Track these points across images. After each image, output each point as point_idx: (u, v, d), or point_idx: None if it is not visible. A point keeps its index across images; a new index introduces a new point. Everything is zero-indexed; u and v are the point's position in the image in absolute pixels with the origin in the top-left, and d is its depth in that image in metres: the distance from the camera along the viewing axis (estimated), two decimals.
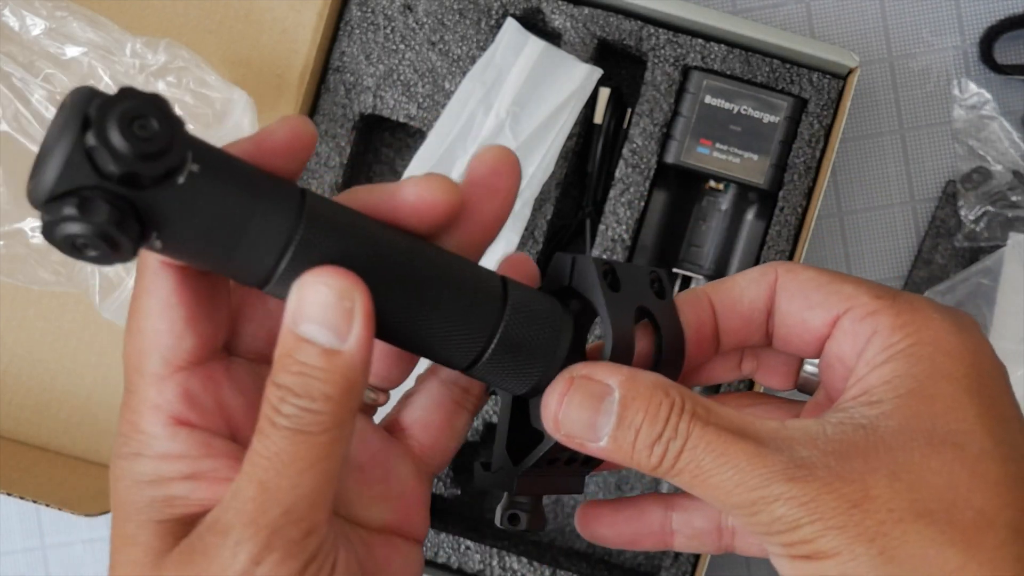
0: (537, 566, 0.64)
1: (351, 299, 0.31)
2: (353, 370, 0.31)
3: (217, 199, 0.31)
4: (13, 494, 0.58)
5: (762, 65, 0.64)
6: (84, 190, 0.29)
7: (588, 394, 0.34)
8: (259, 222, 0.31)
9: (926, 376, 0.33)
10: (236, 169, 0.31)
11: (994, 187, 0.68)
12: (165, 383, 0.34)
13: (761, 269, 0.38)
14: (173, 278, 0.34)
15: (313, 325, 0.31)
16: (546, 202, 0.65)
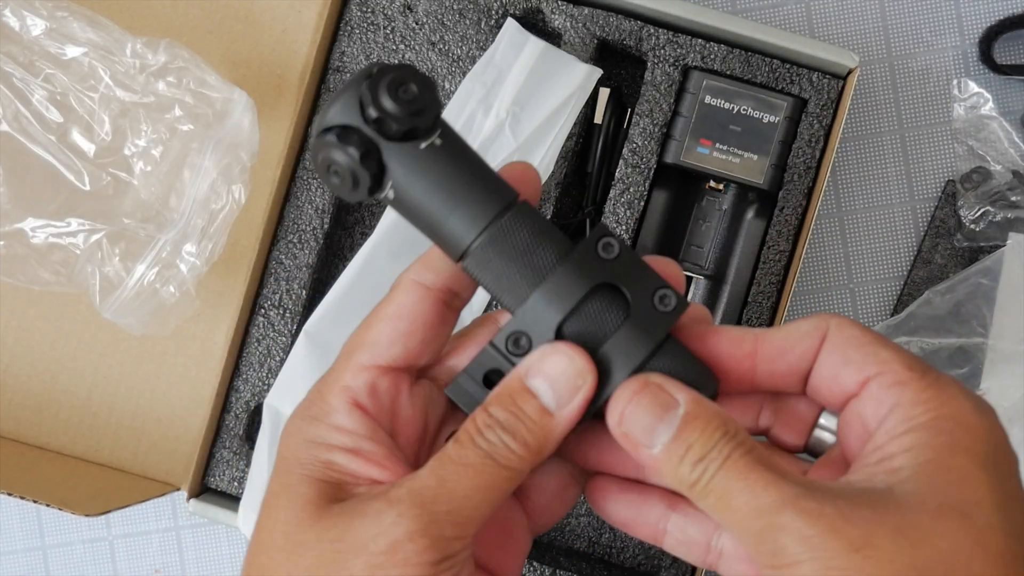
0: (537, 566, 0.64)
1: (584, 380, 0.38)
2: (554, 434, 0.37)
3: (448, 170, 0.38)
4: (13, 494, 0.58)
5: (762, 65, 0.64)
6: (348, 128, 0.37)
7: (657, 402, 0.38)
8: (473, 201, 0.38)
9: (944, 448, 0.35)
10: (471, 155, 0.39)
11: (994, 187, 0.68)
12: (361, 373, 0.39)
13: (815, 323, 0.40)
14: (414, 296, 0.40)
15: (545, 383, 0.38)
16: (546, 202, 0.65)
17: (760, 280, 0.64)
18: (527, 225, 0.39)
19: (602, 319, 0.39)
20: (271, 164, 0.65)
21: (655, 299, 0.39)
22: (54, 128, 0.61)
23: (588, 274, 0.39)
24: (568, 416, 0.38)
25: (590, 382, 0.38)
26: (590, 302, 0.39)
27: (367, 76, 0.38)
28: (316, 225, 0.67)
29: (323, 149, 0.38)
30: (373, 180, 0.38)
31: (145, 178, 0.61)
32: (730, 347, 0.40)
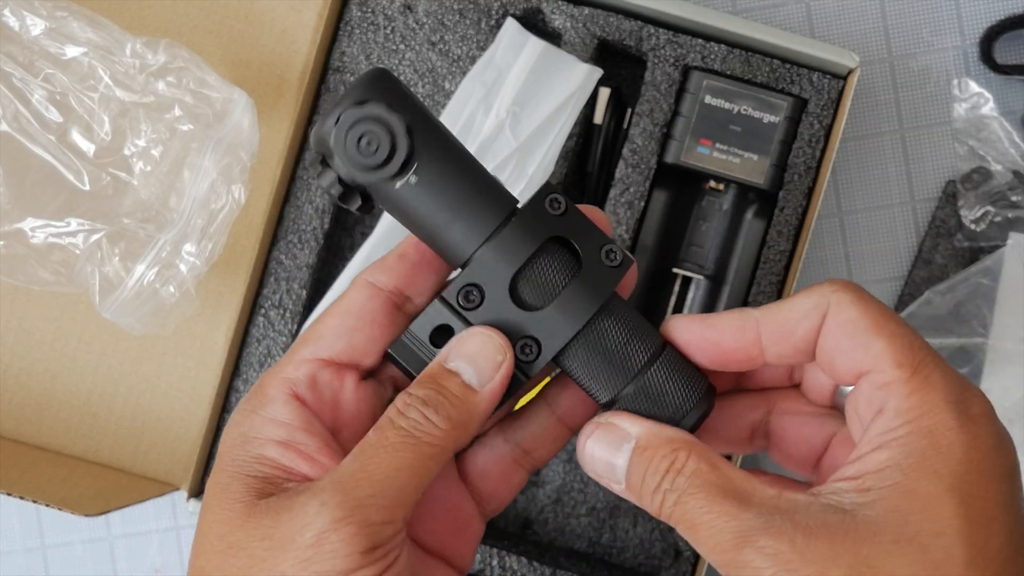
0: (537, 566, 0.64)
1: (503, 355, 0.38)
2: (478, 409, 0.38)
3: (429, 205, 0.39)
4: (13, 494, 0.58)
5: (762, 65, 0.64)
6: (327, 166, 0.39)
7: (608, 440, 0.39)
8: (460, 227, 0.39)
9: (913, 469, 0.35)
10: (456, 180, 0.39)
11: (994, 187, 0.68)
12: (302, 365, 0.39)
13: (815, 299, 0.39)
14: (365, 295, 0.40)
15: (465, 363, 0.38)
16: None
17: (760, 280, 0.64)
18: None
19: (555, 272, 0.40)
20: (271, 164, 0.65)
21: (603, 254, 0.40)
22: (54, 128, 0.61)
23: (540, 228, 0.40)
24: (492, 391, 0.38)
25: (509, 357, 0.38)
26: (542, 255, 0.40)
27: (336, 119, 0.38)
28: (316, 225, 0.67)
29: (363, 115, 0.38)
30: (361, 208, 0.39)
31: (145, 178, 0.61)
32: (734, 338, 0.40)
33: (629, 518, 0.68)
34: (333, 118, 0.38)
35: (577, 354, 0.40)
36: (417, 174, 0.39)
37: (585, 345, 0.40)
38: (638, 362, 0.40)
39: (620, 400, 0.40)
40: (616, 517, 0.68)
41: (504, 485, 0.43)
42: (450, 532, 0.42)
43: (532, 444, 0.43)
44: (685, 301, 0.66)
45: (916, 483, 0.35)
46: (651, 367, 0.40)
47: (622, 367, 0.40)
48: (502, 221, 0.39)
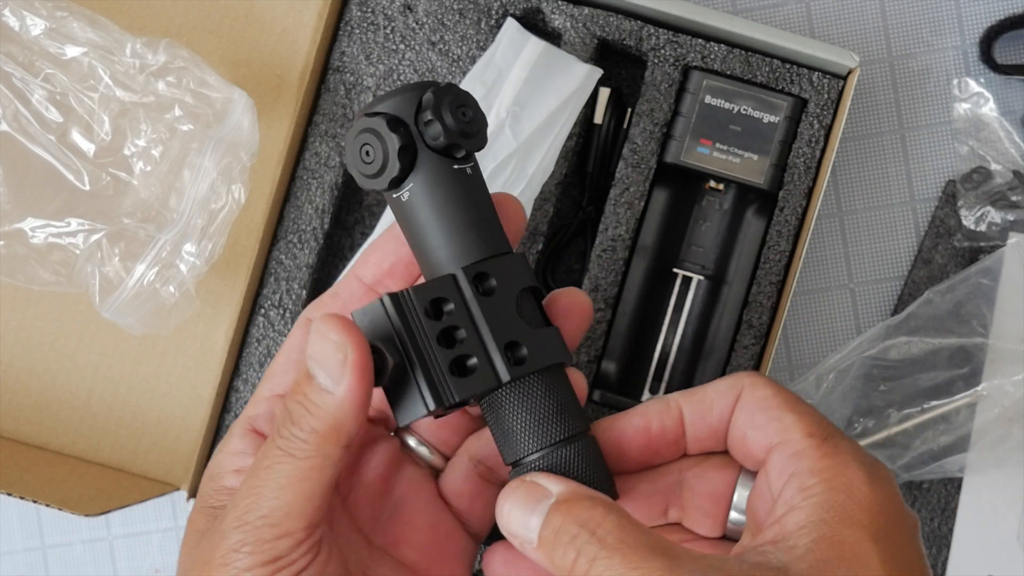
0: None
1: (344, 351, 0.37)
2: (341, 411, 0.37)
3: (468, 198, 0.40)
4: (13, 494, 0.58)
5: (762, 65, 0.64)
6: (398, 119, 0.40)
7: (529, 496, 0.39)
8: (474, 234, 0.40)
9: (836, 522, 0.36)
10: (487, 198, 0.42)
11: (994, 187, 0.68)
12: (261, 402, 0.43)
13: (730, 381, 0.41)
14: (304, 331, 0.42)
15: (316, 365, 0.38)
16: (546, 202, 0.65)
17: (760, 280, 0.64)
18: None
19: (538, 311, 0.42)
20: (271, 164, 0.65)
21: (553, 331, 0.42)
22: (54, 128, 0.61)
23: (529, 272, 0.42)
24: (346, 389, 0.37)
25: (351, 352, 0.37)
26: (533, 294, 0.42)
27: (432, 85, 0.40)
28: (316, 225, 0.67)
29: (367, 126, 0.40)
30: (400, 172, 0.40)
31: (145, 178, 0.61)
32: (660, 420, 0.42)
33: None
34: (424, 86, 0.40)
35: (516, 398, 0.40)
36: (411, 192, 0.40)
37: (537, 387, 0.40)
38: (563, 432, 0.40)
39: (532, 462, 0.40)
40: None
41: (479, 501, 0.44)
42: (433, 548, 0.43)
43: (494, 462, 0.44)
44: (685, 301, 0.66)
45: (841, 533, 0.36)
46: (569, 445, 0.40)
47: (548, 429, 0.40)
48: (493, 255, 0.40)
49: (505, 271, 0.40)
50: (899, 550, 0.37)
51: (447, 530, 0.44)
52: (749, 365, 0.64)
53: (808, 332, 0.70)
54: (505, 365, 0.39)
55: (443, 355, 0.39)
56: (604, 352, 0.65)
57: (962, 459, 0.66)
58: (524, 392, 0.40)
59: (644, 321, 0.66)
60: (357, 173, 0.40)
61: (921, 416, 0.66)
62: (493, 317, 0.40)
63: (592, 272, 0.65)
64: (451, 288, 0.40)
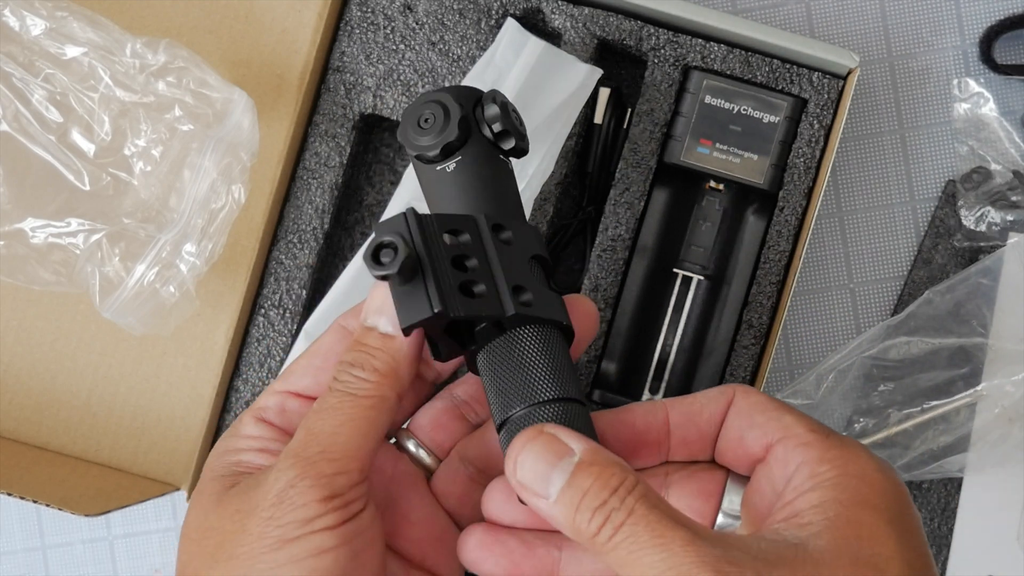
0: None
1: None
2: (401, 353, 0.40)
3: (509, 184, 0.45)
4: (13, 494, 0.58)
5: (762, 65, 0.64)
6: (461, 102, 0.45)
7: (549, 449, 0.38)
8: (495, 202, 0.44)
9: (852, 503, 0.36)
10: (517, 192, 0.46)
11: (994, 187, 0.68)
12: (273, 396, 0.43)
13: (721, 389, 0.42)
14: (334, 337, 0.44)
15: (378, 316, 0.41)
16: (546, 202, 0.65)
17: (760, 280, 0.64)
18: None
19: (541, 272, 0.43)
20: (271, 164, 0.65)
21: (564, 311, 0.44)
22: (54, 128, 0.61)
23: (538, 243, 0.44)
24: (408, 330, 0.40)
25: None
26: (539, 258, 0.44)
27: (490, 90, 0.45)
28: (316, 225, 0.67)
29: (434, 98, 0.44)
30: (456, 140, 0.44)
31: (145, 178, 0.61)
32: (644, 418, 0.42)
33: None
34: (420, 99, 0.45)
35: (514, 348, 0.40)
36: (457, 164, 0.44)
37: (532, 341, 0.41)
38: (560, 392, 0.40)
39: (526, 419, 0.39)
40: None
41: (467, 502, 0.44)
42: (429, 541, 0.44)
43: (484, 463, 0.44)
44: (685, 301, 0.66)
45: (858, 515, 0.36)
46: (568, 403, 0.40)
47: (547, 385, 0.40)
48: (512, 220, 0.43)
49: (522, 235, 0.43)
50: (912, 538, 0.37)
51: (441, 525, 0.44)
52: (749, 365, 0.64)
53: (808, 332, 0.70)
54: (511, 300, 0.40)
55: (454, 274, 0.40)
56: (604, 352, 0.65)
57: (962, 459, 0.66)
58: (525, 341, 0.41)
59: (644, 321, 0.66)
60: (411, 139, 0.44)
61: (921, 416, 0.66)
62: (506, 261, 0.41)
63: (592, 272, 0.65)
64: (471, 225, 0.42)
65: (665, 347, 0.66)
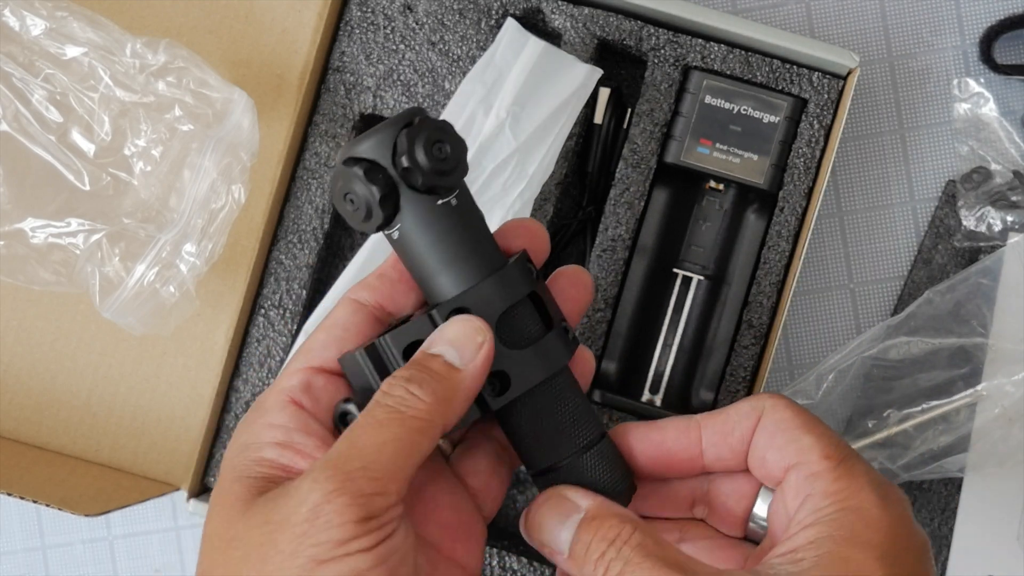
0: (537, 566, 0.64)
1: (483, 337, 0.40)
2: (461, 386, 0.39)
3: (455, 230, 0.41)
4: (13, 494, 0.58)
5: (762, 65, 0.64)
6: (376, 166, 0.40)
7: (559, 509, 0.41)
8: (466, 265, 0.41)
9: (844, 540, 0.38)
10: (477, 220, 0.42)
11: (994, 187, 0.68)
12: (296, 375, 0.41)
13: (752, 403, 0.43)
14: (349, 309, 0.42)
15: (446, 346, 0.40)
16: (546, 202, 0.65)
17: (760, 280, 0.64)
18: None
19: (529, 323, 0.42)
20: (271, 164, 0.65)
21: (563, 327, 0.43)
22: (54, 128, 0.61)
23: (528, 280, 0.42)
24: (475, 368, 0.40)
25: (489, 337, 0.40)
26: (523, 305, 0.42)
27: (407, 123, 0.40)
28: (316, 225, 0.67)
29: (346, 178, 0.40)
30: (385, 219, 0.40)
31: (145, 178, 0.61)
32: (677, 438, 0.44)
33: None
34: (400, 123, 0.40)
35: (532, 408, 0.42)
36: (400, 231, 0.41)
37: (543, 399, 0.42)
38: (581, 440, 0.42)
39: (555, 472, 0.42)
40: None
41: (495, 479, 0.45)
42: (457, 529, 0.43)
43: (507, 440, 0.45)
44: (685, 301, 0.66)
45: (848, 552, 0.38)
46: (590, 449, 0.42)
47: (569, 437, 0.42)
48: (496, 268, 0.41)
49: (489, 296, 0.41)
50: (905, 570, 0.38)
51: (468, 510, 0.44)
52: (749, 365, 0.64)
53: (808, 332, 0.70)
54: (488, 397, 0.41)
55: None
56: (604, 352, 0.65)
57: (962, 459, 0.66)
58: (534, 405, 0.42)
59: (644, 321, 0.66)
60: (345, 217, 0.41)
61: (921, 416, 0.66)
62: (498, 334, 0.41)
63: (592, 272, 0.65)
64: (428, 329, 0.41)
65: (665, 347, 0.66)
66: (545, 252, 0.45)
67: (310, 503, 0.36)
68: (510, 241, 0.44)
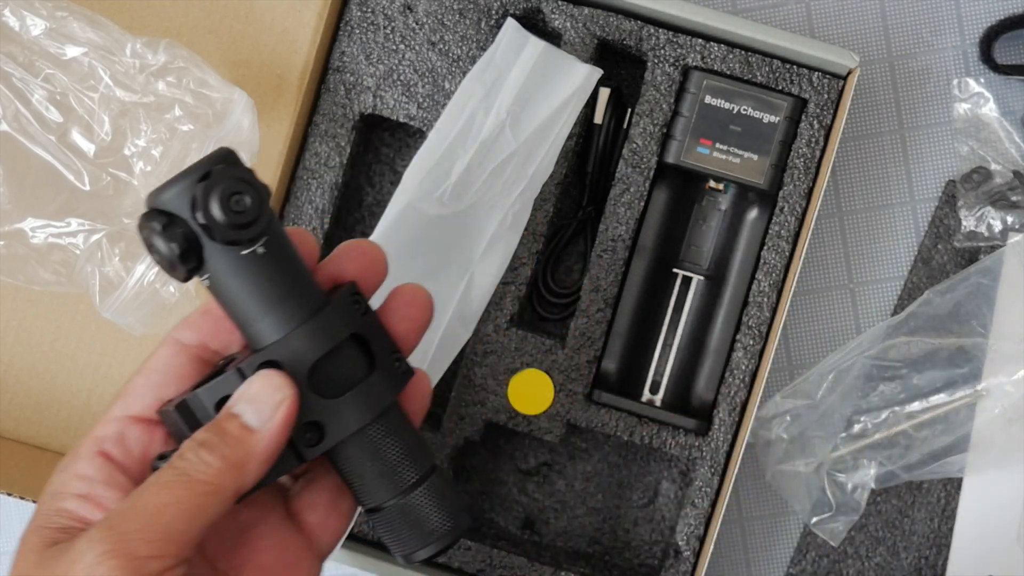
0: (538, 566, 0.64)
1: (283, 395, 0.39)
2: (257, 449, 0.38)
3: (262, 279, 0.40)
4: (13, 494, 0.58)
5: (762, 65, 0.64)
6: (175, 220, 0.38)
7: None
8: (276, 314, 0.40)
9: None
10: (289, 265, 0.40)
11: (994, 187, 0.68)
12: (111, 423, 0.41)
13: None
14: (170, 351, 0.42)
15: (246, 405, 0.39)
16: (546, 202, 0.65)
17: (760, 280, 0.64)
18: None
19: (351, 367, 0.41)
20: (271, 164, 0.65)
21: (392, 360, 0.43)
22: (54, 128, 0.61)
23: (345, 323, 0.41)
24: (272, 429, 0.39)
25: (289, 396, 0.39)
26: (343, 349, 0.41)
27: (204, 175, 0.38)
28: (316, 225, 0.67)
29: (147, 232, 0.39)
30: (188, 272, 0.39)
31: (145, 178, 0.61)
32: None
33: (629, 518, 0.68)
34: (198, 173, 0.38)
35: (351, 454, 0.42)
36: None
37: (362, 445, 0.41)
38: (407, 479, 0.42)
39: (382, 511, 0.42)
40: (616, 517, 0.68)
41: (334, 514, 0.44)
42: (279, 571, 0.43)
43: None
44: (685, 301, 0.66)
45: None
46: (417, 488, 0.42)
47: (392, 480, 0.42)
48: (314, 310, 0.40)
49: (300, 346, 0.40)
50: None
51: (295, 551, 0.43)
52: (749, 365, 0.64)
53: (808, 332, 0.70)
54: (302, 447, 0.40)
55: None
56: (604, 352, 0.65)
57: (962, 459, 0.66)
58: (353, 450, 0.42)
59: (644, 321, 0.66)
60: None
61: (921, 416, 0.66)
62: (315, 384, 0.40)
63: (592, 272, 0.65)
64: (237, 383, 0.40)
65: (665, 347, 0.66)
66: (381, 275, 0.44)
67: (84, 563, 0.36)
68: (342, 267, 0.43)
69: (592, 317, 0.65)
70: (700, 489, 0.64)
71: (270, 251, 0.40)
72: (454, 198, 0.63)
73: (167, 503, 0.37)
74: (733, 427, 0.64)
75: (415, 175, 0.64)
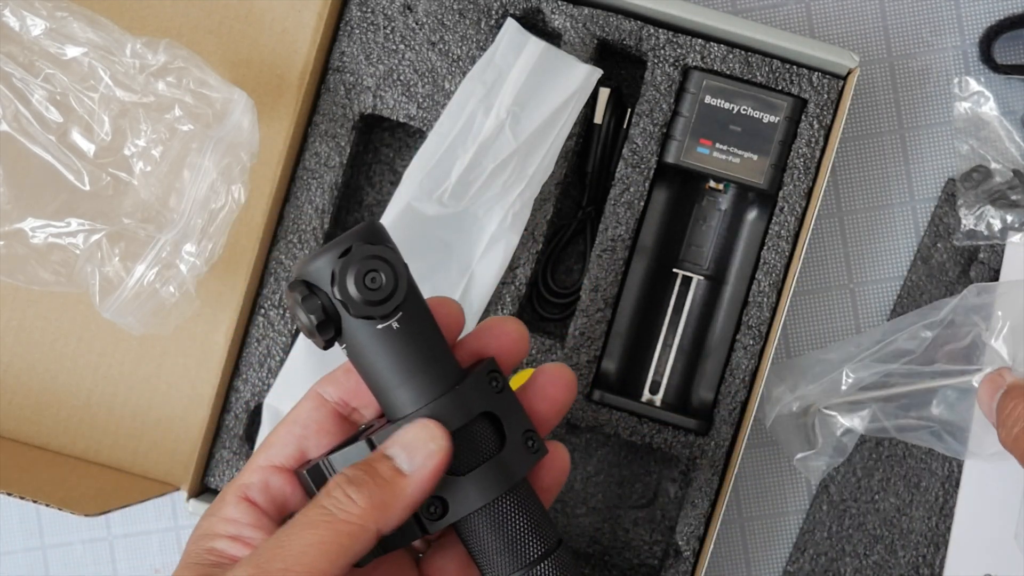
0: None
1: (436, 443, 0.40)
2: (404, 492, 0.39)
3: (396, 353, 0.41)
4: (13, 494, 0.58)
5: (762, 65, 0.64)
6: (315, 291, 0.40)
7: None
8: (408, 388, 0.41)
9: None
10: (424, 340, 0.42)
11: (994, 186, 0.68)
12: (255, 472, 0.43)
13: None
14: (312, 405, 0.44)
15: (399, 448, 0.40)
16: (546, 202, 0.65)
17: (760, 280, 0.64)
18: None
19: (478, 445, 0.42)
20: (271, 164, 0.65)
21: (524, 438, 0.43)
22: (54, 128, 0.61)
23: (477, 401, 0.42)
24: (421, 476, 0.40)
25: (443, 446, 0.40)
26: (472, 427, 0.42)
27: (345, 251, 0.40)
28: (316, 225, 0.67)
29: (291, 301, 0.41)
30: (327, 341, 0.41)
31: (145, 178, 0.61)
32: None
33: (629, 518, 0.68)
34: (340, 249, 0.40)
35: (476, 529, 0.42)
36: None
37: (487, 521, 0.42)
38: (531, 554, 0.42)
39: None
40: (616, 517, 0.68)
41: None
42: None
43: None
44: (685, 301, 0.66)
45: None
46: (540, 563, 0.42)
47: (515, 554, 0.42)
48: (448, 387, 0.41)
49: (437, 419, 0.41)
50: None
51: None
52: (749, 365, 0.64)
53: (808, 332, 0.70)
54: (426, 520, 0.41)
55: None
56: (604, 352, 0.65)
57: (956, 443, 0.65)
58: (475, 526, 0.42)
59: (644, 321, 0.66)
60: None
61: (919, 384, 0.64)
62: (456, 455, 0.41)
63: (592, 272, 0.65)
64: (366, 455, 0.41)
65: (665, 347, 0.66)
66: (522, 353, 0.45)
67: None
68: (484, 343, 0.44)
69: (592, 317, 0.65)
70: (700, 489, 0.64)
71: (405, 326, 0.41)
72: (454, 198, 0.64)
73: (311, 543, 0.38)
74: (733, 427, 0.64)
75: (415, 175, 0.64)
